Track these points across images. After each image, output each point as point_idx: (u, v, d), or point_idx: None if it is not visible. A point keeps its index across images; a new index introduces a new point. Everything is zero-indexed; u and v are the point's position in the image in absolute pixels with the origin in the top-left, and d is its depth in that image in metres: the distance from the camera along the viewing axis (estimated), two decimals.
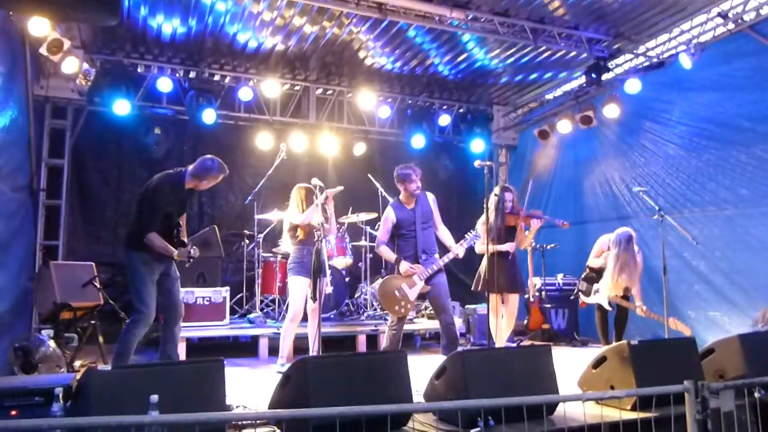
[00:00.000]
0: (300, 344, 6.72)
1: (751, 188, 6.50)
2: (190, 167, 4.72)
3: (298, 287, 5.50)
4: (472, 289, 5.88)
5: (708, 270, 6.85)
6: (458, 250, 5.30)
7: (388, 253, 5.33)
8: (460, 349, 4.86)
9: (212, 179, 4.75)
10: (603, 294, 6.30)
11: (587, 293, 6.51)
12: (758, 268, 6.29)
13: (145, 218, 4.51)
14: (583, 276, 6.63)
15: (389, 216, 5.34)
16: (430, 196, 5.51)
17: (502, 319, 5.61)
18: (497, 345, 5.46)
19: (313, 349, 5.41)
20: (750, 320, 6.05)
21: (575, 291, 6.90)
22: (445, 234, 5.49)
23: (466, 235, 5.37)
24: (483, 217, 5.51)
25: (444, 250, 5.44)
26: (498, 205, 5.59)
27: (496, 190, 5.72)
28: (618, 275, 6.06)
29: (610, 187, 8.35)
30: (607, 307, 6.33)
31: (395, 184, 5.50)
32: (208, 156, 4.75)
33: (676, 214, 6.74)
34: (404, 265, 5.19)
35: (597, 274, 6.43)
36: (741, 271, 6.50)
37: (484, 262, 5.55)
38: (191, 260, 4.68)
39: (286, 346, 5.63)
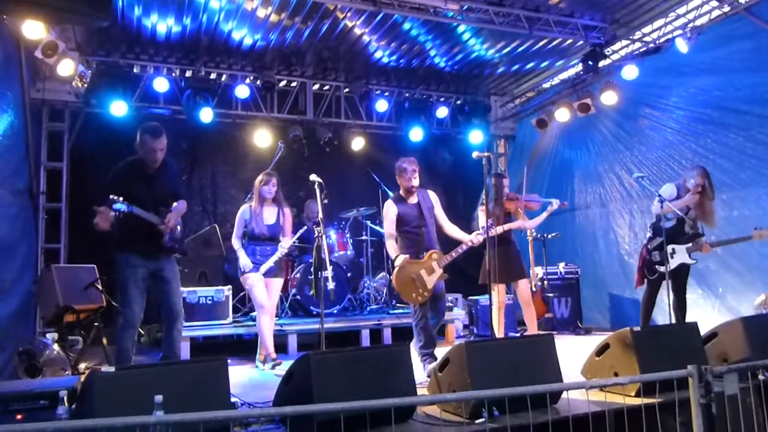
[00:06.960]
0: (304, 340, 6.75)
1: (748, 171, 6.48)
2: None
3: None
4: (479, 282, 5.86)
5: (707, 254, 6.82)
6: (474, 238, 5.08)
7: (391, 248, 5.12)
8: (463, 340, 4.86)
9: (151, 142, 4.67)
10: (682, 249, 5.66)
11: (661, 262, 5.58)
12: (756, 251, 6.27)
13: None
14: (650, 246, 5.78)
15: (390, 210, 5.15)
16: (432, 194, 5.32)
17: (502, 311, 5.66)
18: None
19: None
20: (752, 303, 6.06)
21: (652, 264, 5.72)
22: (454, 230, 5.29)
23: (481, 226, 5.26)
24: (481, 205, 5.60)
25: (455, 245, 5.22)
26: (498, 191, 5.66)
27: (492, 178, 5.71)
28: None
29: (610, 173, 8.34)
30: (691, 261, 5.67)
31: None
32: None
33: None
34: (401, 260, 4.96)
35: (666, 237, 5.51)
36: (739, 254, 6.48)
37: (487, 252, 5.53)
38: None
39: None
